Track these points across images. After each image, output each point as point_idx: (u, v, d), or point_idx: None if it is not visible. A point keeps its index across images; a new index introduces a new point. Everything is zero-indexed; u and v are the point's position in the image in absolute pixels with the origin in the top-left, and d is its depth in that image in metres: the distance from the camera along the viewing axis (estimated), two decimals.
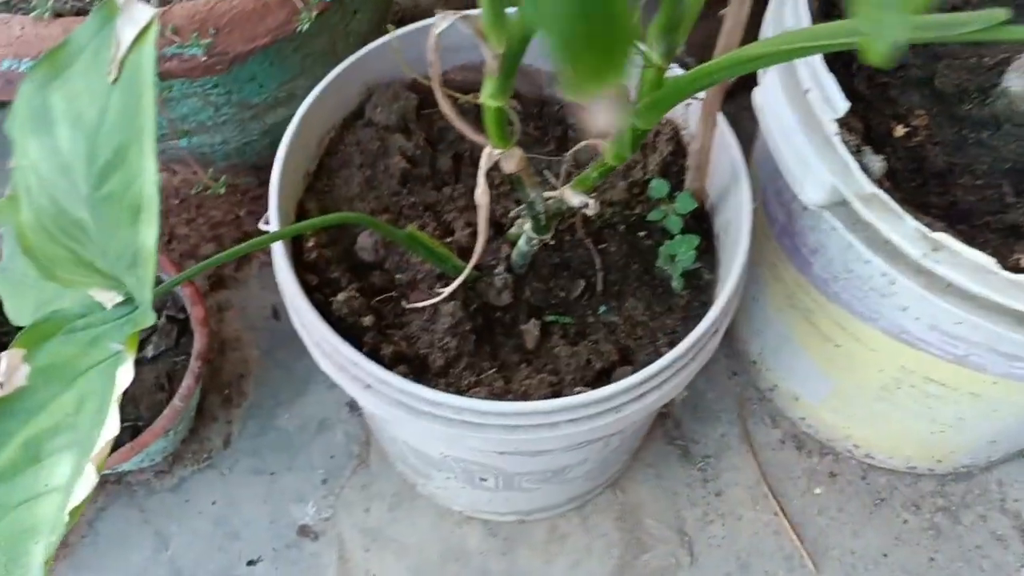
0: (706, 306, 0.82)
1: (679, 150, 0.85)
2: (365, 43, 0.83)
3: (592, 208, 0.70)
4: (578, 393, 0.73)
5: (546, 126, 0.89)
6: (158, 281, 0.78)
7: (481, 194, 0.65)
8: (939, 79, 0.85)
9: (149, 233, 0.49)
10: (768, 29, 0.82)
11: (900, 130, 0.83)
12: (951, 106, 0.84)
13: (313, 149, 0.84)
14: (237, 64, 0.82)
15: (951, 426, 0.91)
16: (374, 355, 0.71)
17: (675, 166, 0.85)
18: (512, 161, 0.63)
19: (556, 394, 0.73)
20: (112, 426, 0.52)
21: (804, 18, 0.76)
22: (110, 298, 0.57)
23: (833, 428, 1.02)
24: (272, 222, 0.74)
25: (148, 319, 0.53)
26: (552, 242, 0.78)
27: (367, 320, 0.72)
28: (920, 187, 0.80)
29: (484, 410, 0.65)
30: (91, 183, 0.50)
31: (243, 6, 0.81)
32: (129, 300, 0.57)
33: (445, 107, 0.59)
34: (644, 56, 0.57)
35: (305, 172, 0.83)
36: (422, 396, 0.65)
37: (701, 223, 0.82)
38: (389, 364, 0.72)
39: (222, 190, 0.88)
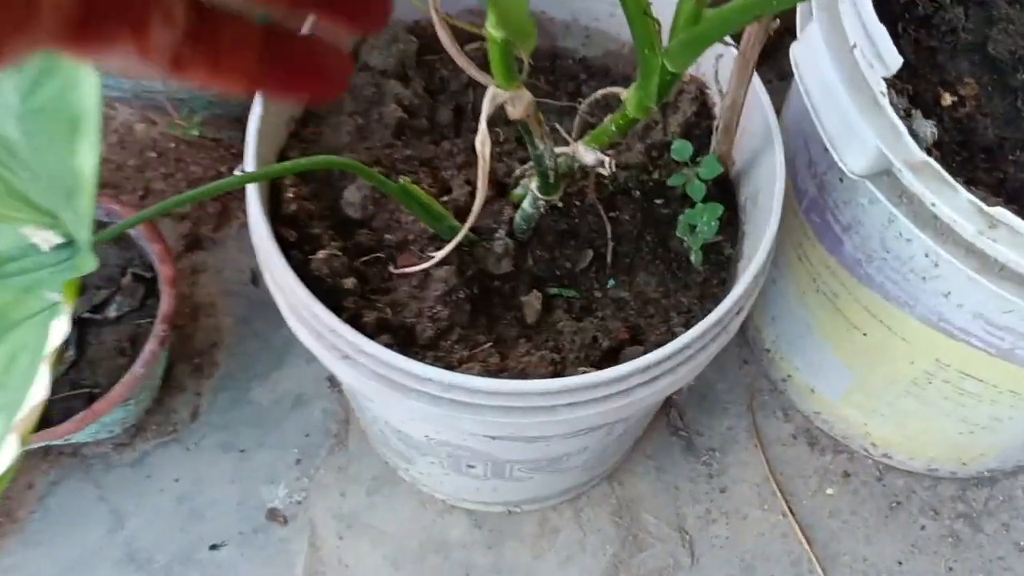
0: (726, 284, 0.74)
1: (704, 111, 0.77)
2: None
3: (607, 167, 0.62)
4: (582, 373, 0.65)
5: (557, 80, 0.81)
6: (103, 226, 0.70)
7: (482, 143, 0.57)
8: (992, 45, 0.77)
9: (88, 155, 0.41)
10: None
11: (948, 99, 0.75)
12: (1004, 75, 0.77)
13: None
14: None
15: (984, 427, 0.83)
16: (355, 322, 0.63)
17: (699, 128, 0.77)
18: (520, 104, 0.55)
19: (558, 374, 0.65)
20: (40, 389, 0.44)
21: None
22: (46, 238, 0.48)
23: (850, 425, 0.95)
24: (247, 163, 0.66)
25: (88, 264, 0.45)
26: (560, 205, 0.70)
27: (349, 283, 0.64)
28: (967, 161, 0.72)
29: (476, 387, 0.57)
30: (21, 92, 0.41)
31: None
32: (69, 243, 0.49)
33: (443, 35, 0.51)
34: None
35: (289, 117, 0.75)
36: (406, 369, 0.57)
37: (724, 192, 0.75)
38: (371, 333, 0.63)
39: (196, 132, 0.80)
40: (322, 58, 0.27)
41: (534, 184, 0.66)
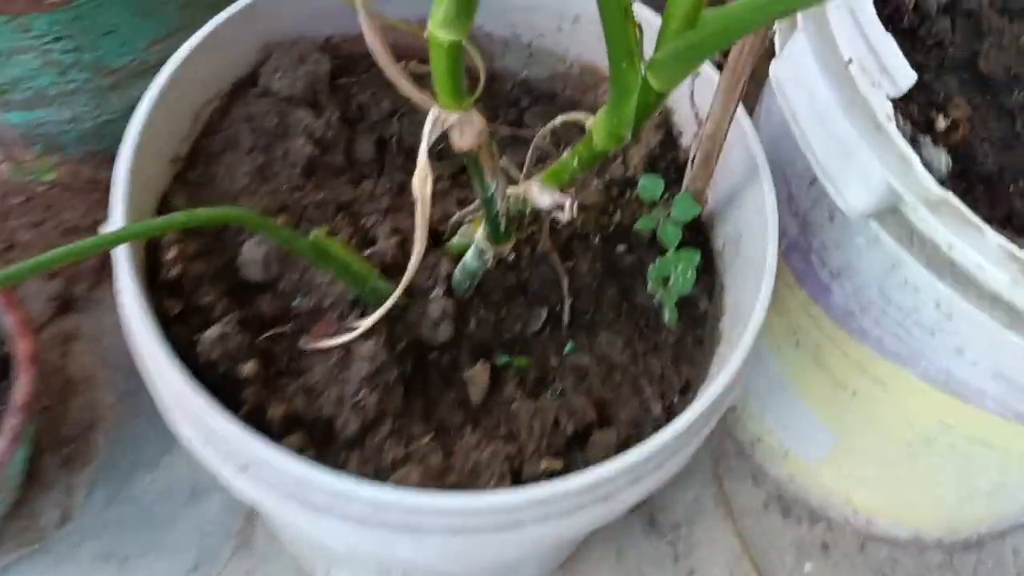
0: (703, 344, 0.63)
1: (669, 141, 0.66)
2: None
3: (569, 211, 0.51)
4: (547, 471, 0.53)
5: (496, 107, 0.70)
6: None
7: (422, 180, 0.44)
8: (983, 61, 0.68)
9: None
10: None
11: (942, 122, 0.65)
12: (998, 94, 0.68)
13: (186, 124, 0.62)
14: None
15: (987, 492, 0.74)
16: (257, 418, 0.50)
17: (664, 160, 0.66)
18: (469, 131, 0.43)
19: (516, 471, 0.53)
20: None
21: None
22: None
23: (830, 491, 0.84)
24: (113, 216, 0.52)
25: None
26: (511, 257, 0.57)
27: (248, 368, 0.51)
28: (966, 193, 0.63)
29: (416, 506, 0.44)
30: None
31: None
32: None
33: (373, 40, 0.38)
34: None
35: (173, 156, 0.61)
36: (322, 485, 0.43)
37: (695, 234, 0.64)
38: (279, 432, 0.50)
39: (49, 176, 0.65)
40: None
41: (480, 233, 0.54)
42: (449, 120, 0.41)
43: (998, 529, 0.87)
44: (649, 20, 0.59)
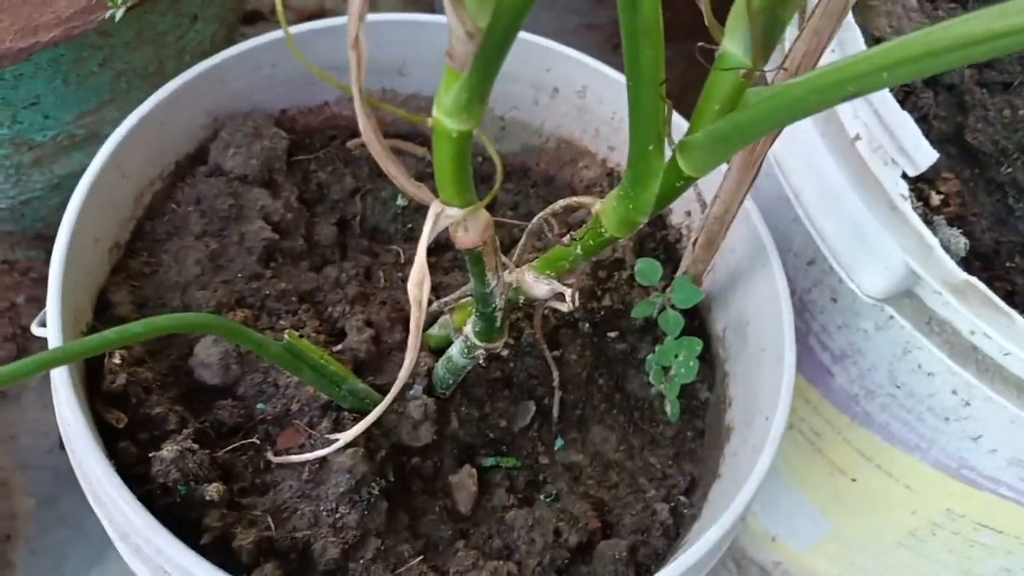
0: (703, 437, 0.58)
1: (658, 219, 0.62)
2: None
3: (570, 302, 0.46)
4: None
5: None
6: None
7: (418, 285, 0.38)
8: (971, 135, 0.66)
9: None
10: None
11: (936, 198, 0.63)
12: (987, 169, 0.66)
13: (127, 208, 0.55)
14: (6, 68, 0.53)
15: None
16: (223, 548, 0.43)
17: (652, 240, 0.62)
18: (475, 226, 0.38)
19: None
20: None
21: None
22: None
23: None
24: (51, 326, 0.45)
25: None
26: (504, 352, 0.52)
27: (212, 491, 0.44)
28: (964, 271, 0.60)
29: None
30: None
31: None
32: None
33: (365, 123, 0.33)
34: (727, 55, 0.33)
35: (113, 244, 0.54)
36: None
37: (691, 319, 0.59)
38: (249, 562, 0.43)
39: None
40: None
41: (470, 328, 0.48)
42: (454, 216, 0.36)
43: None
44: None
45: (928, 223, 0.54)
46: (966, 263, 0.60)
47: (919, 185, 0.63)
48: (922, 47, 0.27)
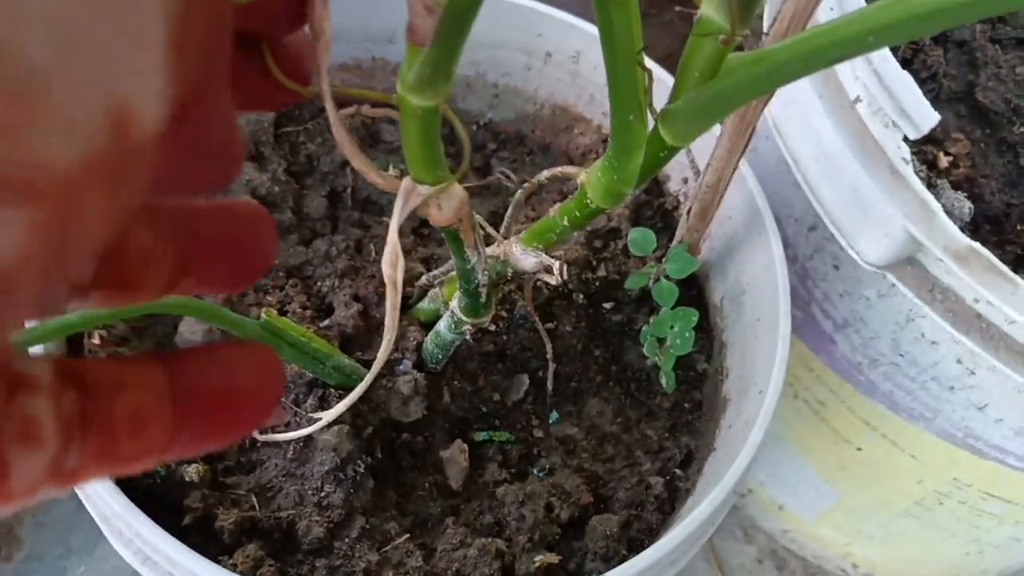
0: (701, 408, 0.57)
1: (655, 188, 0.60)
2: None
3: (558, 275, 0.44)
4: (542, 567, 0.46)
5: (458, 152, 0.63)
6: None
7: (391, 264, 0.37)
8: (982, 93, 0.64)
9: None
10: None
11: (944, 160, 0.61)
12: (999, 128, 0.64)
13: None
14: None
15: (997, 547, 0.69)
16: (205, 529, 0.42)
17: (649, 209, 0.60)
18: (449, 205, 0.36)
19: (507, 570, 0.46)
20: None
21: None
22: None
23: (827, 545, 0.79)
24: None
25: None
26: (495, 326, 0.51)
27: (193, 470, 0.43)
28: (973, 235, 0.58)
29: None
30: None
31: None
32: None
33: (333, 114, 0.31)
34: (704, 20, 0.32)
35: None
36: None
37: (687, 288, 0.58)
38: (231, 543, 0.43)
39: None
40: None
41: (456, 304, 0.47)
42: (424, 193, 0.35)
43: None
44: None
45: (931, 187, 0.52)
46: (975, 226, 0.59)
47: (926, 147, 0.60)
48: (908, 10, 0.26)
